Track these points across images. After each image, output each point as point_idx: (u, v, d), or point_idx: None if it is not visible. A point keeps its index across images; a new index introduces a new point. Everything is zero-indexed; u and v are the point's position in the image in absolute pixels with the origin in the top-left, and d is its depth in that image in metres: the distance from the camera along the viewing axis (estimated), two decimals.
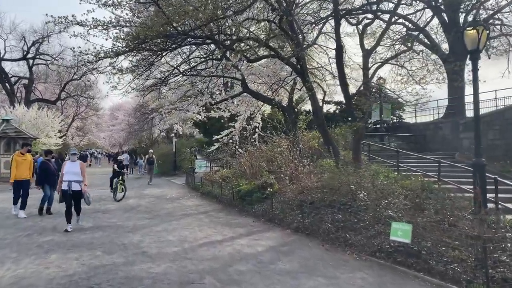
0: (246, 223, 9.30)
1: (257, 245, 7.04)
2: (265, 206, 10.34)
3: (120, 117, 47.77)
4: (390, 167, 12.00)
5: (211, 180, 16.16)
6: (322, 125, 11.73)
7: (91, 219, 9.95)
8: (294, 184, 11.28)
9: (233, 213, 10.94)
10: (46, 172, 10.47)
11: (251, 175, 14.48)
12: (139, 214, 10.84)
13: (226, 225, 9.02)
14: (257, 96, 14.92)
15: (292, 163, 11.65)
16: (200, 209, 11.82)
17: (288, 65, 11.57)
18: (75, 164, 8.62)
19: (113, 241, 7.33)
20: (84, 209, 11.13)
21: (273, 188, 11.57)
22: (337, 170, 10.99)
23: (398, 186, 9.06)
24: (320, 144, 15.23)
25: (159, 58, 11.28)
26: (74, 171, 8.46)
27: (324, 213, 8.57)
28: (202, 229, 8.60)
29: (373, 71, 11.15)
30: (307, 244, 7.22)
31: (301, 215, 8.86)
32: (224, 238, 7.68)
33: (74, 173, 8.43)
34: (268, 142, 15.75)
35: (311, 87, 11.51)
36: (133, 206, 12.37)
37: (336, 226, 7.72)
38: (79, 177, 8.49)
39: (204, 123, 27.71)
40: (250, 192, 11.47)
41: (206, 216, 10.44)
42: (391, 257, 5.99)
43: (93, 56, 8.80)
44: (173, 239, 7.56)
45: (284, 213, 9.41)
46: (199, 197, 14.73)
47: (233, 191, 12.31)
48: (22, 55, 42.08)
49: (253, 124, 17.64)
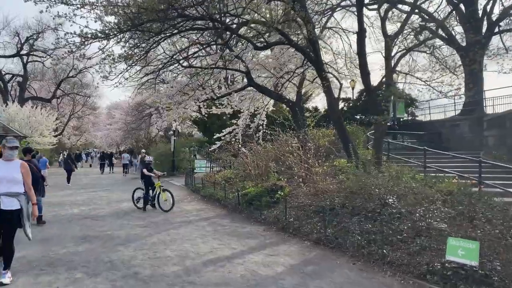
0: (256, 233, 8.03)
1: (274, 264, 5.77)
2: (277, 212, 9.07)
3: (117, 115, 46.38)
4: (414, 168, 10.75)
5: (213, 181, 14.88)
6: (338, 121, 10.48)
7: (78, 227, 8.67)
8: (308, 186, 10.04)
9: (239, 219, 9.67)
10: None
11: (256, 176, 13.26)
12: (133, 220, 9.57)
13: (233, 235, 7.75)
14: (263, 91, 13.67)
15: (305, 163, 10.40)
16: (202, 214, 10.55)
17: (301, 53, 10.32)
18: (12, 165, 5.05)
19: (99, 257, 6.05)
20: (71, 215, 9.93)
21: (284, 191, 10.32)
22: (358, 171, 9.78)
23: (434, 190, 7.83)
24: (331, 142, 14.03)
25: (155, 45, 9.99)
26: (9, 176, 4.96)
27: (348, 221, 7.32)
28: (206, 240, 7.33)
29: (396, 60, 9.90)
30: (334, 261, 5.96)
31: (321, 224, 7.61)
32: (233, 253, 6.42)
33: (9, 181, 4.94)
34: (274, 141, 14.53)
35: (327, 77, 10.26)
36: (127, 211, 11.10)
37: (367, 238, 6.46)
38: (18, 187, 5.03)
39: (204, 121, 26.45)
40: (258, 195, 10.22)
41: (209, 223, 9.17)
42: (449, 282, 4.73)
43: (79, 36, 7.51)
44: (172, 254, 6.29)
45: (299, 221, 8.15)
46: (200, 201, 13.46)
47: (238, 195, 11.05)
48: (16, 52, 40.75)
49: (257, 122, 16.37)
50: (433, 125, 19.55)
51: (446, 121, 18.61)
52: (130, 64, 9.51)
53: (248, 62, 13.49)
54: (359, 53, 9.47)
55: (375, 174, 8.48)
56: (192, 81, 13.39)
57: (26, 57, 41.89)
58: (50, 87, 47.32)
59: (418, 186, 8.29)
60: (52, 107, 43.93)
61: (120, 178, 25.31)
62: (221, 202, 12.15)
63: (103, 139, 55.88)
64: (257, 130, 16.52)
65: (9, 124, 24.81)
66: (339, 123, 10.45)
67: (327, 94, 10.41)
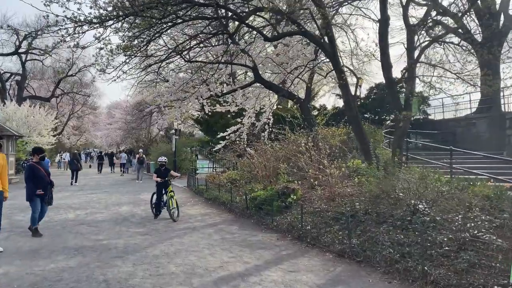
0: (270, 242, 7.20)
1: (297, 283, 4.93)
2: (291, 219, 8.24)
3: (117, 115, 45.58)
4: (437, 169, 9.90)
5: (218, 183, 14.05)
6: (355, 119, 9.65)
7: (71, 235, 7.85)
8: (323, 190, 9.21)
9: (248, 226, 8.84)
10: (37, 180, 7.64)
11: (263, 178, 12.45)
12: (133, 227, 8.74)
13: (244, 245, 6.92)
14: (271, 87, 12.84)
15: (320, 164, 9.57)
16: (207, 220, 9.72)
17: (315, 44, 9.50)
18: None
19: (92, 275, 5.22)
20: (66, 221, 9.12)
21: (296, 195, 9.50)
22: (379, 173, 8.96)
23: (470, 195, 6.99)
24: (342, 142, 13.22)
25: (156, 36, 9.16)
26: None
27: (375, 231, 6.49)
28: (214, 252, 6.50)
29: (420, 52, 9.07)
30: (365, 279, 5.12)
31: (343, 232, 6.78)
32: (247, 268, 5.58)
33: None
34: (281, 140, 13.72)
35: (343, 71, 9.43)
36: (126, 216, 10.27)
37: (400, 251, 5.63)
38: None
39: (206, 120, 25.63)
40: (268, 199, 9.38)
41: (216, 230, 8.34)
42: None
43: (71, 21, 6.65)
44: (176, 270, 5.46)
45: (317, 229, 7.31)
46: (204, 204, 12.64)
47: (246, 198, 10.21)
48: (14, 50, 39.92)
49: (263, 120, 15.53)
50: (446, 124, 18.71)
51: (461, 120, 17.76)
52: (129, 55, 8.68)
53: (255, 56, 12.68)
54: (381, 44, 8.63)
55: (401, 177, 7.64)
56: (195, 77, 12.58)
57: (25, 56, 41.07)
58: (49, 87, 46.51)
59: (449, 189, 7.46)
60: (51, 107, 43.08)
61: (119, 178, 24.53)
62: (227, 205, 11.33)
63: (103, 139, 55.15)
64: (263, 129, 15.71)
65: (5, 123, 23.97)
66: (356, 121, 9.62)
67: (343, 90, 9.58)
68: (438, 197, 7.00)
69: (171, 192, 9.84)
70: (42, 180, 7.71)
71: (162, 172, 10.19)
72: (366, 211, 7.39)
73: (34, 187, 7.59)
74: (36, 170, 7.73)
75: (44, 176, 7.78)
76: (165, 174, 10.15)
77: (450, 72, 8.52)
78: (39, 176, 7.70)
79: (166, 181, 10.02)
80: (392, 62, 9.30)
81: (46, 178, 7.81)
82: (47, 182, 7.83)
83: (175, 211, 9.67)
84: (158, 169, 10.37)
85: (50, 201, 7.99)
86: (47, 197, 7.82)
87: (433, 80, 8.53)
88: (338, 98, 21.62)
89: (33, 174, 7.67)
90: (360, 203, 7.86)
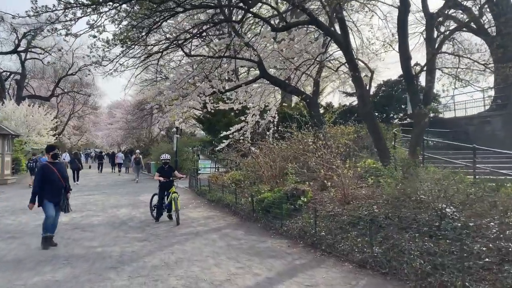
0: (280, 250, 6.52)
1: None
2: (302, 223, 7.56)
3: (117, 115, 45.01)
4: (458, 169, 9.21)
5: (221, 184, 13.39)
6: (370, 115, 9.00)
7: (63, 241, 7.19)
8: (337, 192, 8.54)
9: (255, 231, 8.17)
10: (48, 182, 6.73)
11: (269, 178, 11.79)
12: (130, 232, 8.08)
13: (252, 254, 6.25)
14: (278, 83, 12.21)
15: (331, 164, 8.89)
16: (211, 224, 9.05)
17: (327, 34, 8.86)
18: None
19: None
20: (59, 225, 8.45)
21: (307, 197, 8.83)
22: (396, 173, 8.29)
23: (503, 197, 6.31)
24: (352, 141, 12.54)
25: (155, 27, 8.51)
26: None
27: (399, 238, 5.81)
28: (220, 261, 5.83)
29: (440, 42, 8.39)
30: None
31: (362, 239, 6.11)
32: (258, 282, 4.91)
33: None
34: (287, 139, 13.06)
35: (357, 64, 8.77)
36: (124, 219, 9.62)
37: (431, 262, 4.95)
38: None
39: (208, 119, 24.99)
40: (276, 202, 8.71)
41: (221, 236, 7.67)
42: None
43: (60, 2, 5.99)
44: (178, 284, 4.80)
45: (332, 235, 6.64)
46: (207, 206, 11.97)
47: (252, 200, 9.54)
48: (13, 48, 39.34)
49: (268, 118, 14.87)
50: (457, 122, 18.00)
51: (473, 118, 17.06)
52: (127, 46, 8.02)
53: (260, 50, 12.03)
54: (400, 32, 7.94)
55: (425, 177, 6.96)
56: (197, 73, 11.93)
57: (24, 55, 40.51)
58: (50, 86, 45.98)
59: (476, 191, 6.79)
60: (50, 106, 42.51)
61: (119, 179, 23.90)
62: (232, 208, 10.66)
63: (103, 139, 54.60)
64: (268, 128, 15.05)
65: (2, 122, 23.38)
66: (371, 117, 8.97)
67: (357, 83, 8.91)
68: (467, 200, 6.34)
69: (174, 193, 9.12)
70: (54, 184, 6.74)
71: (165, 171, 9.43)
72: (386, 215, 6.72)
73: (40, 190, 6.67)
74: (48, 172, 6.77)
75: (57, 180, 6.78)
76: (168, 173, 9.40)
77: (478, 63, 7.82)
78: (51, 179, 6.73)
79: (170, 181, 9.29)
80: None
81: (59, 182, 6.82)
82: (60, 187, 6.86)
83: (177, 214, 8.99)
84: (161, 168, 9.62)
85: (66, 208, 7.03)
86: (62, 203, 6.89)
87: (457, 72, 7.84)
88: (344, 96, 20.96)
89: (44, 177, 6.73)
90: (379, 206, 7.19)
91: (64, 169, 7.26)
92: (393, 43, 10.23)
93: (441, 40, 8.24)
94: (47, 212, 6.69)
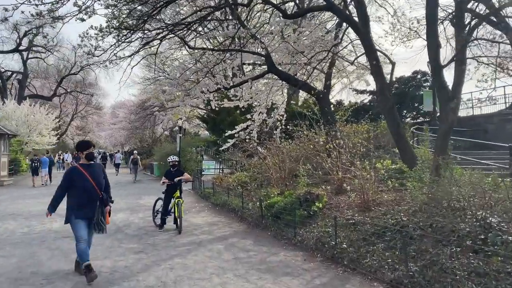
0: (295, 265, 5.65)
1: None
2: (318, 233, 6.69)
3: (121, 115, 44.31)
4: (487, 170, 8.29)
5: (226, 186, 12.56)
6: (391, 111, 8.08)
7: (49, 253, 6.38)
8: (356, 196, 7.67)
9: (265, 240, 7.31)
10: (77, 192, 5.06)
11: (277, 180, 10.95)
12: (126, 241, 7.26)
13: (264, 270, 5.39)
14: (287, 78, 11.33)
15: (350, 165, 8.03)
16: (216, 231, 8.20)
17: (343, 20, 8.02)
18: None
19: None
20: (47, 233, 7.68)
21: (321, 202, 7.96)
22: (423, 175, 7.40)
23: None
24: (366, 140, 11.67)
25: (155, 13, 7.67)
26: None
27: (438, 252, 4.92)
28: (226, 280, 4.97)
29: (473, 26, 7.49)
30: None
31: (392, 254, 5.24)
32: None
33: None
34: (296, 138, 12.22)
35: (377, 54, 7.89)
36: (120, 225, 8.79)
37: (484, 286, 4.07)
38: None
39: (212, 118, 24.19)
40: (288, 207, 7.85)
41: (227, 246, 6.82)
42: None
43: None
44: None
45: (356, 248, 5.76)
46: (211, 210, 11.14)
47: (261, 205, 8.68)
48: (15, 47, 38.76)
49: (275, 117, 14.01)
50: (475, 120, 17.05)
51: (493, 116, 16.11)
52: (124, 34, 7.20)
53: (267, 43, 11.19)
54: (429, 15, 7.04)
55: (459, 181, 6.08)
56: (200, 66, 11.10)
57: (26, 54, 39.93)
58: (52, 86, 45.38)
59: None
60: (52, 106, 41.84)
61: (120, 180, 23.13)
62: (238, 213, 9.82)
63: (107, 139, 53.98)
64: (275, 127, 14.20)
65: (0, 121, 22.71)
66: (392, 114, 8.06)
67: (377, 76, 8.01)
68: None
69: (178, 198, 8.27)
70: (86, 193, 5.02)
71: (173, 174, 8.51)
72: (416, 224, 5.83)
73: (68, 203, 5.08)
74: (77, 178, 5.04)
75: (90, 188, 5.02)
76: (176, 176, 8.46)
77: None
78: (80, 187, 5.00)
79: (174, 184, 8.38)
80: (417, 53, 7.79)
81: (92, 191, 5.05)
82: (94, 197, 5.10)
83: (179, 220, 8.15)
84: (168, 171, 8.67)
85: (101, 227, 5.18)
86: (95, 220, 5.12)
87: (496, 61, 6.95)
88: (355, 94, 20.05)
89: (70, 183, 5.07)
90: (406, 214, 6.30)
91: (101, 173, 5.31)
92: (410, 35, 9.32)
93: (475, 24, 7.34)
94: (77, 232, 4.98)
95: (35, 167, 18.53)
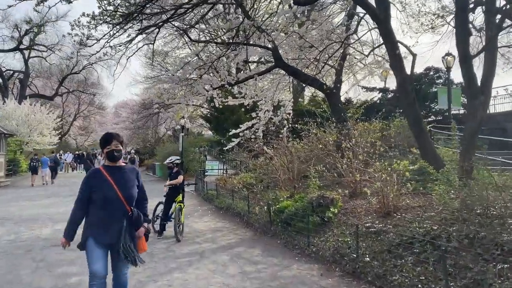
0: (312, 281, 4.93)
1: None
2: (335, 242, 5.96)
3: (123, 114, 43.78)
4: None
5: (230, 188, 11.86)
6: (412, 107, 7.35)
7: (33, 265, 5.69)
8: (377, 200, 6.94)
9: (275, 249, 6.59)
10: (97, 203, 3.40)
11: (285, 182, 10.25)
12: None
13: (276, 287, 4.67)
14: (295, 73, 10.62)
15: (368, 166, 7.30)
16: (220, 239, 7.49)
17: (363, 8, 7.22)
18: None
19: None
20: (35, 240, 6.97)
21: (336, 207, 7.23)
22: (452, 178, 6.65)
23: None
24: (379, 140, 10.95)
25: None
26: None
27: (481, 270, 4.19)
28: None
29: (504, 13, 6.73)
30: None
31: (424, 269, 4.51)
32: None
33: None
34: (304, 138, 11.54)
35: (396, 44, 7.16)
36: None
37: None
38: None
39: (216, 117, 23.52)
40: (299, 213, 7.12)
41: (232, 257, 6.10)
42: None
43: None
44: None
45: (379, 261, 5.03)
46: (214, 214, 10.44)
47: (269, 210, 7.95)
48: (16, 46, 38.27)
49: (282, 115, 13.29)
50: (492, 118, 16.21)
51: None
52: (119, 22, 6.51)
53: (275, 36, 10.47)
54: (459, 4, 6.30)
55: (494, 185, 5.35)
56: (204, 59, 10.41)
57: (27, 53, 39.45)
58: (54, 85, 44.92)
59: None
60: (53, 105, 41.35)
61: None
62: (244, 218, 9.10)
63: None
64: (282, 125, 13.48)
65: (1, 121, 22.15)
66: (413, 110, 7.33)
67: (397, 69, 7.28)
68: None
69: (180, 202, 7.59)
70: (105, 206, 3.38)
71: (172, 176, 7.90)
72: (450, 234, 5.10)
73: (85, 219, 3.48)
74: (97, 184, 3.41)
75: (112, 200, 3.36)
76: (173, 179, 7.79)
77: None
78: (100, 199, 3.38)
79: (177, 187, 7.71)
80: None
81: (115, 204, 3.38)
82: (119, 213, 3.40)
83: (180, 227, 7.45)
84: (169, 174, 8.09)
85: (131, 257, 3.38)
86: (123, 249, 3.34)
87: None
88: (364, 91, 19.27)
89: (88, 191, 3.42)
90: (435, 221, 5.56)
91: (133, 180, 3.55)
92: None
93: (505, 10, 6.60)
94: (91, 265, 3.38)
95: (34, 166, 18.39)
